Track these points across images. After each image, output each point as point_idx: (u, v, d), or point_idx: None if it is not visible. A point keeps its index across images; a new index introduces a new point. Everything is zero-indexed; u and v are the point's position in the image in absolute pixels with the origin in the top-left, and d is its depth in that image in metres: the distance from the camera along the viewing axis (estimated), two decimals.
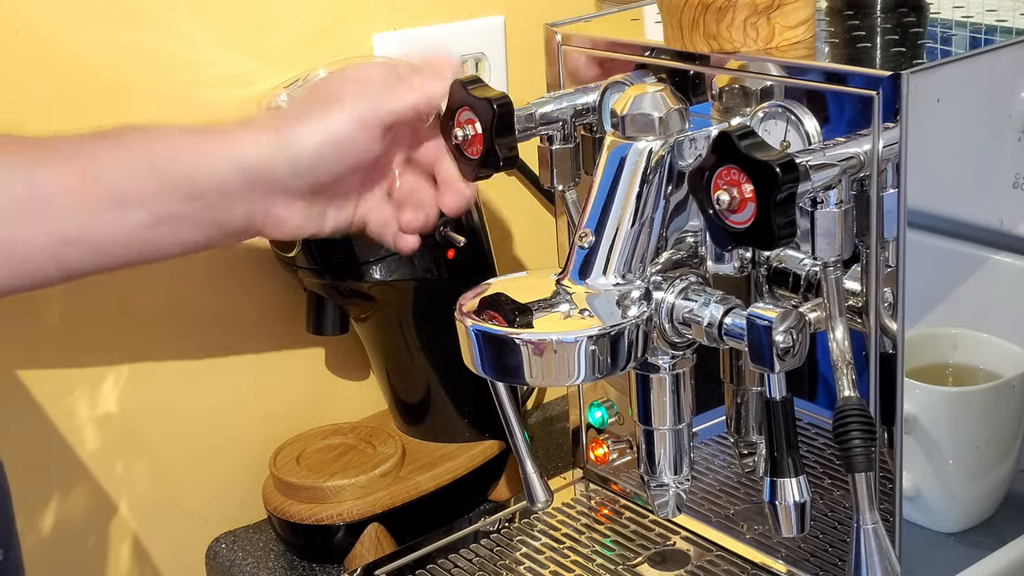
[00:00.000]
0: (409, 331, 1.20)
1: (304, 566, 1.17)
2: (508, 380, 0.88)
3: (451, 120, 0.90)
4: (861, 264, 0.86)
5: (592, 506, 1.13)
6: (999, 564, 0.96)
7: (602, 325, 0.81)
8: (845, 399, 0.82)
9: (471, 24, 1.28)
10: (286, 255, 1.14)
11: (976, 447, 0.98)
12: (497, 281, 0.88)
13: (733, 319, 0.82)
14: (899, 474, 0.90)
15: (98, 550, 1.19)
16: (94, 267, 0.85)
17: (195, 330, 1.20)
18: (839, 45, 0.94)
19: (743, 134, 0.76)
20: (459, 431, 1.23)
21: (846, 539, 0.84)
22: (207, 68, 1.14)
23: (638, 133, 0.85)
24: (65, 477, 1.16)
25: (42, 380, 1.13)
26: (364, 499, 1.15)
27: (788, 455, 0.82)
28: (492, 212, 1.34)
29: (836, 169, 0.80)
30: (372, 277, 1.14)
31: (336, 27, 1.21)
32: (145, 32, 1.11)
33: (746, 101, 0.91)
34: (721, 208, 0.77)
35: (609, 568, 1.04)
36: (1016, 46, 0.91)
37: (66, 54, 1.08)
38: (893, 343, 0.87)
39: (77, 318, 1.13)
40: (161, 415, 1.20)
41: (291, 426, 1.25)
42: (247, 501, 1.24)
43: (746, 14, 0.90)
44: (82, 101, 1.08)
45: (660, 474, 0.91)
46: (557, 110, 0.97)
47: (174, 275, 1.17)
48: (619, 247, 0.84)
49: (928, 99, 0.84)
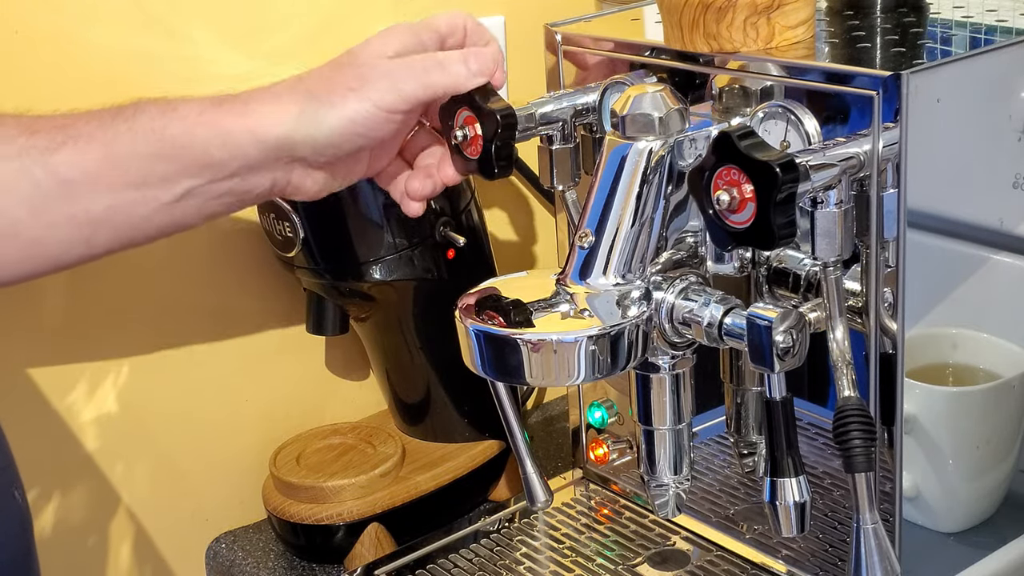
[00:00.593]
0: (409, 331, 1.20)
1: (304, 566, 1.17)
2: (508, 380, 0.88)
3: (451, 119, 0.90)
4: (861, 264, 0.86)
5: (592, 506, 1.13)
6: (999, 564, 0.96)
7: (602, 325, 0.81)
8: (845, 399, 0.82)
9: None
10: (286, 255, 1.14)
11: (976, 447, 0.98)
12: (497, 281, 0.88)
13: (733, 319, 0.82)
14: (899, 474, 0.90)
15: (98, 550, 1.19)
16: (122, 245, 0.85)
17: (195, 330, 1.20)
18: (839, 45, 0.94)
19: (743, 134, 0.76)
20: (459, 431, 1.23)
21: (846, 539, 0.84)
22: (207, 67, 1.14)
23: (638, 133, 0.85)
24: (65, 477, 1.16)
25: (42, 380, 1.13)
26: (364, 499, 1.15)
27: (788, 455, 0.82)
28: (492, 212, 1.34)
29: (836, 169, 0.80)
30: (372, 277, 1.14)
31: (336, 27, 1.21)
32: (145, 32, 1.11)
33: (746, 101, 0.91)
34: (721, 208, 0.77)
35: (609, 568, 1.04)
36: (1016, 46, 0.91)
37: (66, 54, 1.08)
38: (893, 343, 0.86)
39: (77, 318, 1.13)
40: (161, 415, 1.20)
41: (291, 426, 1.25)
42: (247, 501, 1.24)
43: (746, 14, 0.90)
44: (82, 101, 1.07)
45: (660, 474, 0.91)
46: (557, 110, 0.97)
47: (174, 275, 1.17)
48: (619, 247, 0.84)
49: (928, 99, 0.84)
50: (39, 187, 0.80)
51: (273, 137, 0.84)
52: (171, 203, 0.84)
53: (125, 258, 0.89)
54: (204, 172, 0.84)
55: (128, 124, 0.83)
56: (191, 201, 0.85)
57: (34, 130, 0.81)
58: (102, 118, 0.83)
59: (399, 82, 0.85)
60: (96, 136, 0.82)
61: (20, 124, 0.82)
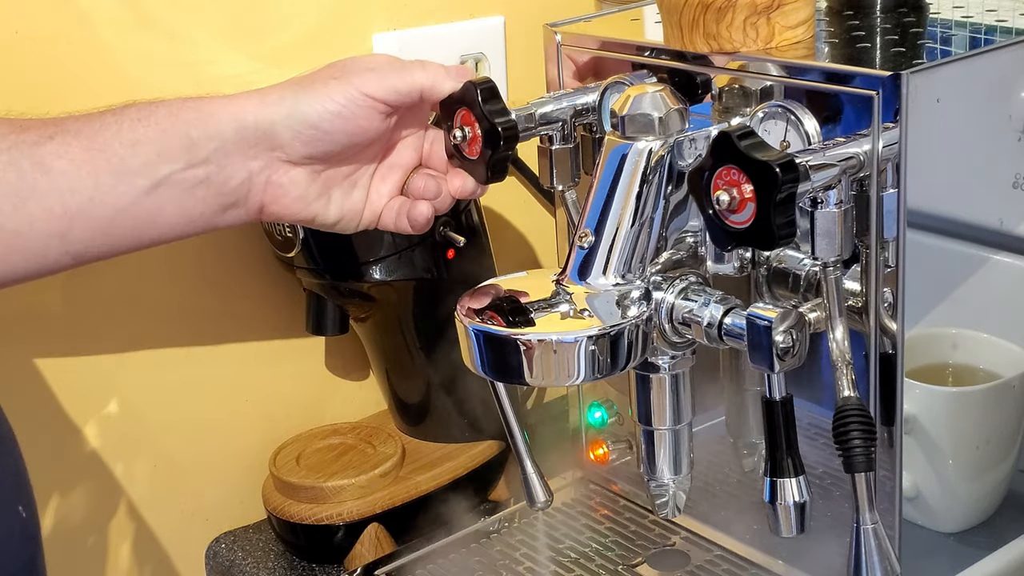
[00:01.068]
0: (409, 331, 1.20)
1: (304, 566, 1.17)
2: (508, 380, 0.88)
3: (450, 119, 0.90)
4: (861, 264, 0.86)
5: (592, 506, 1.13)
6: (999, 564, 0.96)
7: (602, 325, 0.81)
8: (845, 399, 0.82)
9: (471, 24, 1.28)
10: (286, 255, 1.14)
11: (976, 447, 0.98)
12: (497, 281, 0.88)
13: (733, 319, 0.82)
14: (899, 474, 0.90)
15: (98, 550, 1.19)
16: (99, 246, 0.85)
17: (195, 330, 1.20)
18: (839, 45, 0.94)
19: (743, 134, 0.76)
20: (459, 431, 1.23)
21: (846, 539, 0.84)
22: (207, 68, 1.14)
23: (638, 133, 0.85)
24: (65, 477, 1.16)
25: (42, 380, 1.13)
26: (364, 499, 1.15)
27: (788, 455, 0.82)
28: (492, 212, 1.34)
29: (836, 169, 0.80)
30: (372, 277, 1.14)
31: (336, 27, 1.21)
32: (146, 32, 1.11)
33: (746, 101, 0.91)
34: (721, 208, 0.77)
35: (609, 568, 1.04)
36: (1016, 46, 0.91)
37: (66, 55, 1.08)
38: (893, 343, 0.86)
39: (77, 318, 1.13)
40: (161, 415, 1.20)
41: (291, 426, 1.25)
42: (247, 501, 1.24)
43: (746, 14, 0.90)
44: (82, 101, 1.07)
45: (660, 474, 0.91)
46: (557, 110, 0.97)
47: (174, 275, 1.17)
48: (619, 247, 0.84)
49: (928, 99, 0.84)
50: (23, 178, 0.80)
51: (252, 118, 0.85)
52: (148, 192, 0.83)
53: (125, 257, 0.89)
54: (182, 156, 0.84)
55: (116, 117, 0.84)
56: (168, 192, 0.84)
57: (24, 128, 0.82)
58: (91, 115, 0.84)
59: (381, 74, 0.86)
60: (83, 130, 0.83)
61: (11, 124, 0.82)
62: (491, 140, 0.88)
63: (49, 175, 0.81)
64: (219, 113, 0.85)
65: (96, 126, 0.83)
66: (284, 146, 0.86)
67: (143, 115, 0.84)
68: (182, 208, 0.85)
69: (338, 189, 0.90)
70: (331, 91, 0.85)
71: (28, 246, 0.82)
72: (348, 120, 0.86)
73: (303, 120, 0.85)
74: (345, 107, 0.85)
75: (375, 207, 0.92)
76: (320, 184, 0.89)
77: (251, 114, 0.85)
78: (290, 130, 0.85)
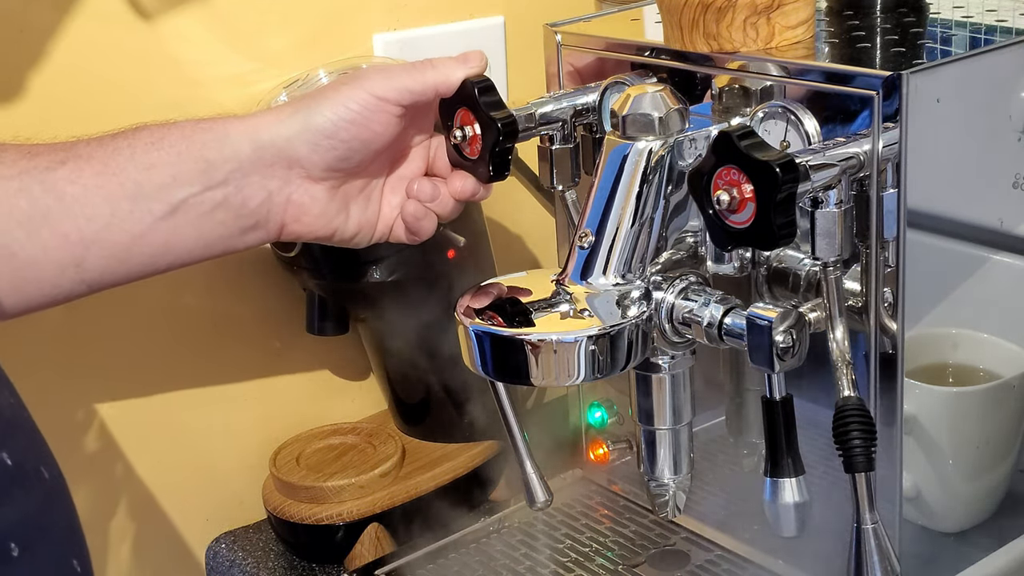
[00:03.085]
0: (409, 331, 1.20)
1: (304, 566, 1.17)
2: (508, 380, 0.88)
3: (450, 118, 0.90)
4: (861, 264, 0.86)
5: (592, 506, 1.13)
6: (999, 564, 0.96)
7: (602, 325, 0.81)
8: (845, 399, 0.82)
9: (471, 24, 1.28)
10: (286, 255, 1.14)
11: (976, 447, 0.98)
12: (497, 281, 0.88)
13: (733, 319, 0.82)
14: (899, 474, 0.90)
15: (98, 550, 1.19)
16: (114, 273, 0.84)
17: (195, 330, 1.20)
18: (839, 45, 0.94)
19: (743, 134, 0.76)
20: (459, 431, 1.23)
21: (846, 539, 0.84)
22: (207, 68, 1.14)
23: (638, 133, 0.85)
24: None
25: (42, 380, 1.13)
26: (364, 499, 1.15)
27: (788, 455, 0.82)
28: (492, 212, 1.34)
29: (836, 169, 0.80)
30: (372, 277, 1.14)
31: (336, 27, 1.21)
32: (146, 31, 1.11)
33: (746, 101, 0.91)
34: (721, 208, 0.77)
35: (609, 568, 1.04)
36: (1016, 46, 0.91)
37: (69, 53, 1.08)
38: (893, 343, 0.86)
39: (78, 317, 1.13)
40: (161, 415, 1.20)
41: (291, 426, 1.25)
42: (247, 501, 1.24)
43: (746, 14, 0.90)
44: (84, 100, 1.08)
45: (660, 474, 0.91)
46: (557, 110, 0.97)
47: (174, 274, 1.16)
48: (619, 247, 0.84)
49: (928, 99, 0.84)
50: (36, 204, 0.79)
51: (268, 136, 0.84)
52: (164, 217, 0.83)
53: None
54: (199, 179, 0.83)
55: (128, 140, 0.83)
56: (185, 216, 0.83)
57: (35, 153, 0.81)
58: (102, 139, 0.83)
59: (392, 75, 0.87)
60: (95, 155, 0.82)
61: (20, 150, 0.81)
62: (490, 135, 0.88)
63: (62, 201, 0.80)
64: (234, 133, 0.84)
65: (109, 150, 0.82)
66: (302, 160, 0.86)
67: (156, 138, 0.83)
68: (199, 232, 0.85)
69: (355, 203, 0.90)
70: (343, 98, 0.85)
71: (42, 275, 0.81)
72: (362, 127, 0.86)
73: (319, 131, 0.85)
74: (359, 113, 0.85)
75: (387, 219, 0.92)
76: (339, 199, 0.89)
77: (267, 132, 0.84)
78: (307, 143, 0.85)
